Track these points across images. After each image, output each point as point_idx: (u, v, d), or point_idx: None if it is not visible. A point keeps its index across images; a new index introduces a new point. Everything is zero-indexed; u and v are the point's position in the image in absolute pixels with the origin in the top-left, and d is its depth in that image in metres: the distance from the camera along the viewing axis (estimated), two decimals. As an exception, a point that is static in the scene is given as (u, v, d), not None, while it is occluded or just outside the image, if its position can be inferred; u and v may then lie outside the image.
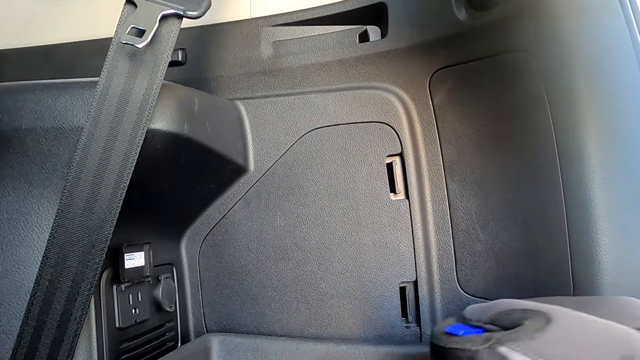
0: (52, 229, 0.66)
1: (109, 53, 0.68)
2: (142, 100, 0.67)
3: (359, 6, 0.88)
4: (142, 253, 0.84)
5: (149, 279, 0.88)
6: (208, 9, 0.72)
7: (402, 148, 0.87)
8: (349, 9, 0.89)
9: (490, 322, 0.54)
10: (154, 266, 0.88)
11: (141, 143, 0.67)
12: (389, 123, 0.88)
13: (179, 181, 0.88)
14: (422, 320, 0.86)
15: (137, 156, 0.67)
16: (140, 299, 0.85)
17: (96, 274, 0.67)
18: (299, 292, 0.93)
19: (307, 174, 0.93)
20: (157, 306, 0.90)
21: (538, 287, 0.75)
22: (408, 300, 0.87)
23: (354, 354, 0.85)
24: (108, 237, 0.67)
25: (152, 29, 0.68)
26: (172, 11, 0.69)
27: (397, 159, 0.88)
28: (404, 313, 0.88)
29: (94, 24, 1.01)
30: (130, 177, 0.67)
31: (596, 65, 0.69)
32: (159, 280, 0.91)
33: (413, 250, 0.87)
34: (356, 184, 0.90)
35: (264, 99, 0.95)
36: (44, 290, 0.66)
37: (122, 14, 0.70)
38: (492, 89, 0.79)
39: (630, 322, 0.51)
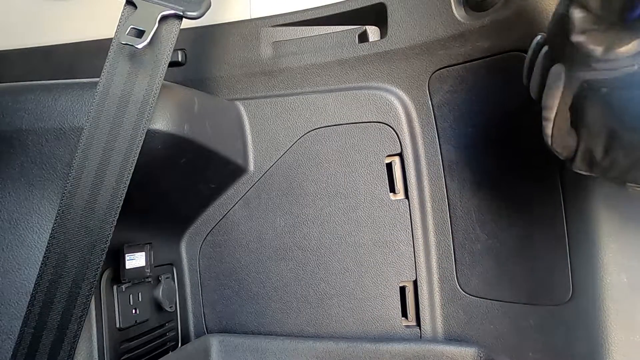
0: (53, 230, 0.66)
1: (109, 54, 0.68)
2: (142, 100, 0.68)
3: (358, 6, 0.88)
4: (143, 253, 0.84)
5: (150, 279, 0.88)
6: (208, 9, 0.72)
7: (401, 148, 0.87)
8: (348, 9, 0.89)
9: None
10: (154, 266, 0.88)
11: (141, 143, 0.67)
12: (388, 123, 0.88)
13: (179, 181, 0.88)
14: (421, 319, 0.86)
15: (137, 156, 0.67)
16: (140, 299, 0.85)
17: (96, 274, 0.67)
18: (299, 291, 0.93)
19: (307, 174, 0.93)
20: (158, 306, 0.90)
21: (537, 287, 0.75)
22: (408, 299, 0.88)
23: (353, 353, 0.85)
24: (108, 237, 0.67)
25: (152, 29, 0.68)
26: (172, 12, 0.69)
27: (396, 159, 0.88)
28: (404, 313, 0.88)
29: (94, 25, 1.01)
30: (130, 177, 0.67)
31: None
32: (159, 281, 0.91)
33: (413, 250, 0.87)
34: (356, 184, 0.90)
35: (263, 100, 0.95)
36: (44, 290, 0.67)
37: (122, 15, 0.70)
38: (491, 89, 0.79)
39: None
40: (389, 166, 0.89)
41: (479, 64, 0.79)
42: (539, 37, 0.59)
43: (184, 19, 0.71)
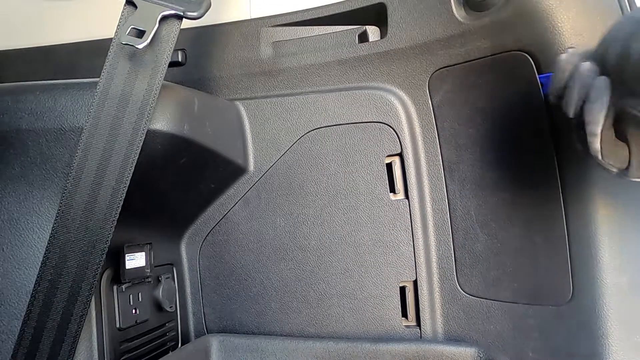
0: (53, 230, 0.66)
1: (109, 54, 0.68)
2: (142, 100, 0.68)
3: (358, 6, 0.88)
4: (143, 253, 0.84)
5: (150, 279, 0.88)
6: (208, 9, 0.72)
7: (401, 148, 0.87)
8: (348, 9, 0.89)
9: None
10: (154, 266, 0.88)
11: (141, 143, 0.67)
12: (388, 123, 0.88)
13: (179, 181, 0.88)
14: (421, 319, 0.86)
15: (137, 156, 0.67)
16: (140, 299, 0.85)
17: (96, 274, 0.67)
18: (299, 291, 0.93)
19: (307, 174, 0.93)
20: (158, 306, 0.90)
21: (537, 287, 0.76)
22: (408, 300, 0.88)
23: (353, 353, 0.85)
24: (108, 237, 0.67)
25: (152, 29, 0.68)
26: (172, 12, 0.69)
27: (396, 159, 0.88)
28: (404, 313, 0.88)
29: (94, 25, 1.01)
30: (130, 177, 0.67)
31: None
32: (159, 281, 0.91)
33: (413, 250, 0.87)
34: (356, 184, 0.90)
35: (263, 100, 0.95)
36: (44, 290, 0.67)
37: (122, 15, 0.70)
38: (491, 89, 0.79)
39: None
40: (389, 166, 0.89)
41: (479, 63, 0.79)
42: (570, 51, 0.57)
43: (184, 19, 0.71)
